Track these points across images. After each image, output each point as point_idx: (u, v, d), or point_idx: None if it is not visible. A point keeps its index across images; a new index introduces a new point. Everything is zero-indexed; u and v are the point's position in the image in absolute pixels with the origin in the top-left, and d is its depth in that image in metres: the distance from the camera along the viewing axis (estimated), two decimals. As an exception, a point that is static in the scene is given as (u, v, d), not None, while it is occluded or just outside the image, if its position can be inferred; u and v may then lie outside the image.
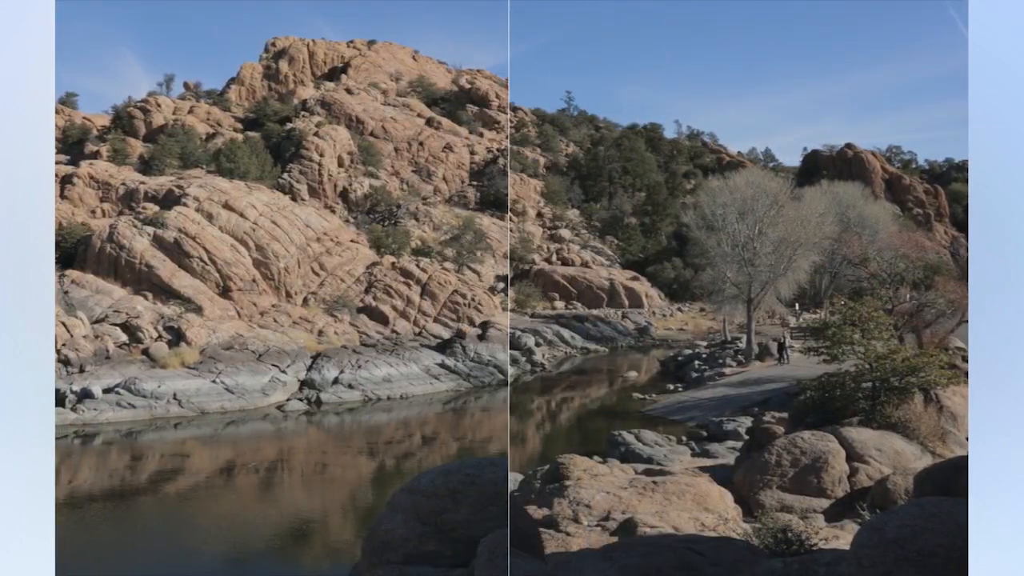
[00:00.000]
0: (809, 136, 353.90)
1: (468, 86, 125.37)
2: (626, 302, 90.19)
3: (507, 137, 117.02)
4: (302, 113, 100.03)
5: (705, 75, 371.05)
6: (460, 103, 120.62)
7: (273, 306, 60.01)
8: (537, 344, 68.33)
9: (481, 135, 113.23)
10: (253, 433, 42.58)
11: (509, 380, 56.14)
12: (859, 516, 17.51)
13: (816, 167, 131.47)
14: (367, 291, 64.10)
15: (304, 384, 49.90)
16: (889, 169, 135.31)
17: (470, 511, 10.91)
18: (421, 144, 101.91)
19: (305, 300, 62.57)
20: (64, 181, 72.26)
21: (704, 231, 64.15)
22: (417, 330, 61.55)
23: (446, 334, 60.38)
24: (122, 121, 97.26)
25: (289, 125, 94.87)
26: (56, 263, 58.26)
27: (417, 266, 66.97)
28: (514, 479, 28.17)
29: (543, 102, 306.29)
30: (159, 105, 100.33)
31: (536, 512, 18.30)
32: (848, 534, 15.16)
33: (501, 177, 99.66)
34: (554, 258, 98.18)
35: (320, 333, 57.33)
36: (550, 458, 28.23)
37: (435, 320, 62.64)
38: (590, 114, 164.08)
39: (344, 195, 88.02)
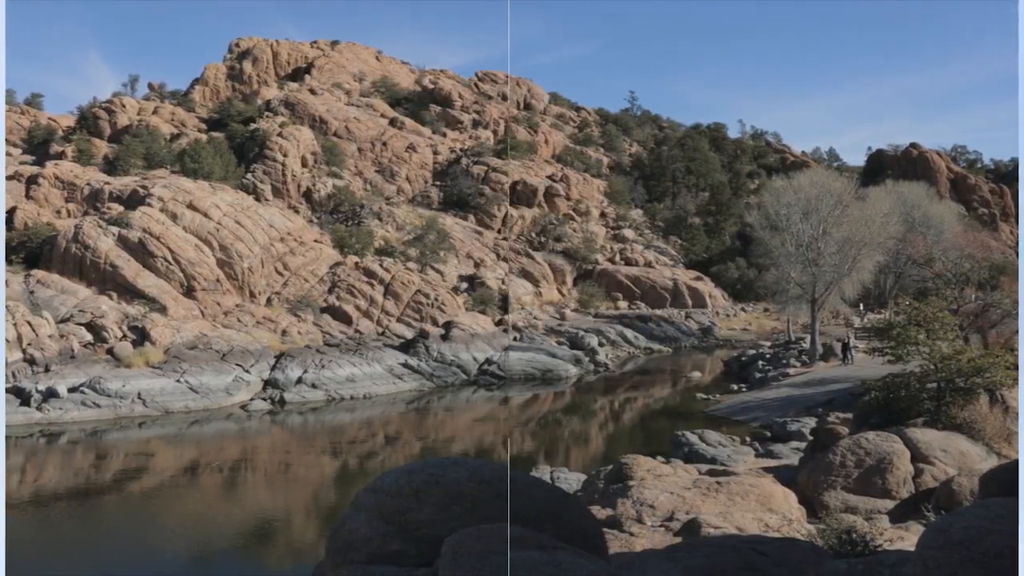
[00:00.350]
0: (873, 135, 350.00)
1: (431, 86, 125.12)
2: (690, 302, 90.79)
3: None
4: (266, 113, 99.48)
5: (769, 75, 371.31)
6: (423, 103, 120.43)
7: (237, 306, 60.12)
8: (600, 344, 69.11)
9: (444, 135, 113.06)
10: (217, 432, 42.81)
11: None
12: (924, 517, 17.39)
13: (881, 167, 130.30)
14: (330, 291, 64.31)
15: (268, 384, 50.19)
16: (954, 168, 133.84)
17: (434, 510, 10.87)
18: (384, 144, 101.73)
19: (269, 300, 62.70)
20: (29, 181, 71.88)
21: (768, 231, 64.35)
22: (380, 330, 61.81)
23: (409, 334, 60.71)
24: (87, 122, 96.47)
25: (253, 125, 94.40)
26: (22, 263, 58.39)
27: (380, 266, 67.18)
28: (577, 479, 28.66)
29: (606, 102, 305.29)
30: (124, 106, 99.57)
31: (599, 512, 18.29)
32: (913, 535, 15.19)
33: (464, 177, 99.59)
34: (617, 258, 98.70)
35: (284, 333, 57.53)
36: (613, 458, 28.38)
37: (398, 320, 62.90)
38: (653, 114, 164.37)
39: (308, 195, 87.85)
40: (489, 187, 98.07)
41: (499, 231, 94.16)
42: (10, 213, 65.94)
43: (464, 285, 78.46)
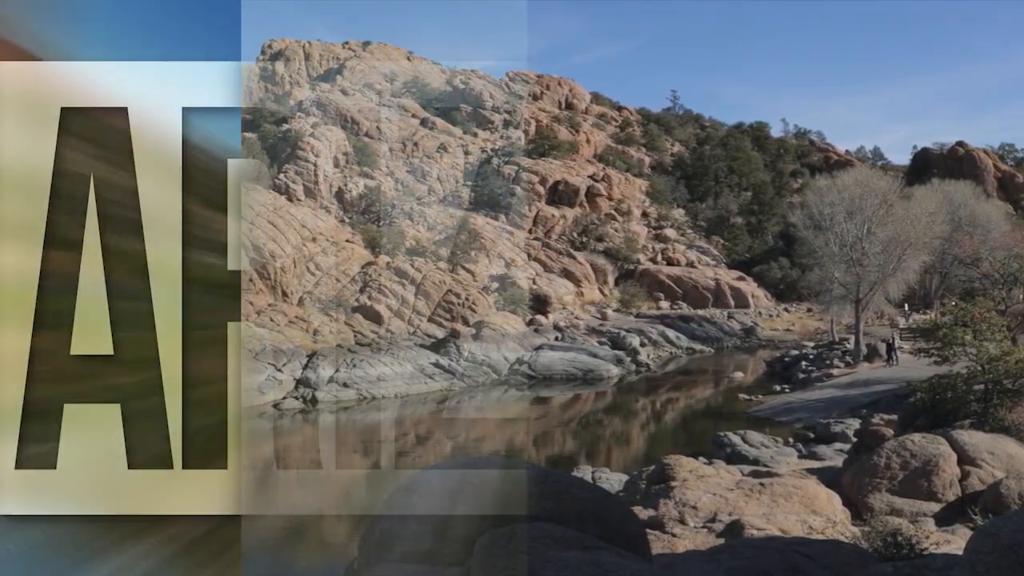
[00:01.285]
0: (919, 134, 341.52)
1: (462, 86, 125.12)
2: (732, 302, 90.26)
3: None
4: (298, 114, 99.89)
5: (812, 73, 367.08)
6: (454, 103, 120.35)
7: (269, 305, 60.29)
8: (642, 344, 68.70)
9: (475, 135, 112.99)
10: (249, 431, 42.85)
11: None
12: (971, 521, 17.16)
13: (926, 165, 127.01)
14: (362, 291, 64.38)
15: (300, 383, 50.22)
16: (1002, 167, 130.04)
17: (466, 509, 10.80)
18: (415, 144, 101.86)
19: (301, 299, 62.82)
20: (61, 180, 72.50)
21: (812, 231, 63.57)
22: (411, 329, 61.80)
23: (440, 334, 60.64)
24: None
25: (285, 126, 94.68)
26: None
27: (411, 266, 67.23)
28: (619, 479, 28.44)
29: (648, 101, 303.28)
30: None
31: (641, 513, 18.16)
32: (959, 539, 15.00)
33: (495, 177, 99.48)
34: (659, 258, 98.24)
35: (315, 332, 57.63)
36: (655, 459, 28.23)
37: (429, 320, 62.90)
38: (695, 113, 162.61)
39: (339, 195, 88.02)
40: (520, 187, 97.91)
41: (530, 231, 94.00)
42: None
43: (495, 285, 78.38)
